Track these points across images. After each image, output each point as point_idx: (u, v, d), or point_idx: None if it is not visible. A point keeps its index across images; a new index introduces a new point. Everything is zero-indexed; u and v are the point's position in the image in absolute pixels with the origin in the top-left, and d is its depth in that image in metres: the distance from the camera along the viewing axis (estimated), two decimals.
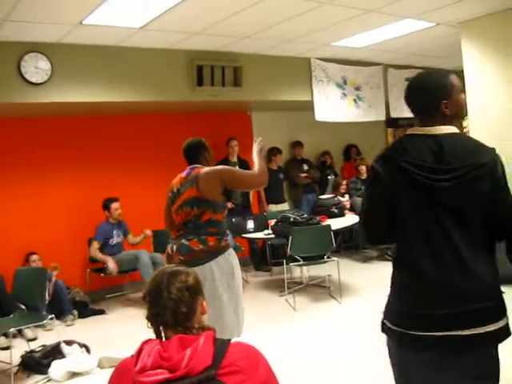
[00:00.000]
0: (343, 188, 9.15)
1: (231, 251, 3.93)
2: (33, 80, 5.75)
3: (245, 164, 7.73)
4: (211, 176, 3.85)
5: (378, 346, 4.79)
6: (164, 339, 1.81)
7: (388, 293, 2.27)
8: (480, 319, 2.03)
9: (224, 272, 3.80)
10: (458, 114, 2.25)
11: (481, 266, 2.07)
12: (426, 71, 2.36)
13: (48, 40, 5.77)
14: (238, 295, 3.91)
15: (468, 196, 2.06)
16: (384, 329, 2.27)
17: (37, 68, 5.76)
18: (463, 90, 2.26)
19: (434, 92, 2.20)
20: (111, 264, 6.88)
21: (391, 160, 2.16)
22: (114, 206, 7.14)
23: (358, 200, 8.84)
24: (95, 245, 6.97)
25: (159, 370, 1.66)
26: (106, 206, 7.15)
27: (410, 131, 2.25)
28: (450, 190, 2.06)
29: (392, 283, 2.26)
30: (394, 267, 2.27)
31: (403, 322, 2.13)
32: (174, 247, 3.89)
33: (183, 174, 4.04)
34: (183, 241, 3.84)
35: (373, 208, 2.26)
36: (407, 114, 8.22)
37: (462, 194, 2.06)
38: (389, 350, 2.27)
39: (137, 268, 6.92)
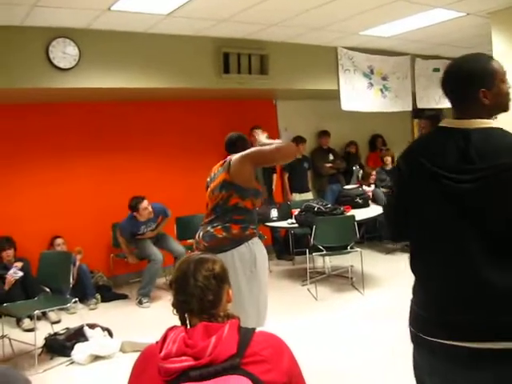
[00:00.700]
0: (373, 178, 9.10)
1: (256, 240, 3.87)
2: (61, 65, 5.78)
3: None
4: (241, 159, 3.78)
5: (399, 337, 4.78)
6: (189, 326, 1.82)
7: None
8: (503, 333, 1.79)
9: (246, 261, 3.76)
10: (499, 105, 1.97)
11: (503, 275, 1.81)
12: (465, 55, 2.09)
13: (76, 26, 5.80)
14: (260, 286, 3.85)
15: (492, 200, 1.83)
16: (410, 331, 2.09)
17: (65, 53, 5.79)
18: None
19: (472, 78, 1.96)
20: (131, 259, 6.99)
21: (412, 155, 2.02)
22: (143, 205, 6.69)
23: (381, 191, 8.80)
24: (121, 240, 6.96)
25: (184, 357, 1.66)
26: (134, 208, 6.71)
27: (442, 123, 2.03)
28: (471, 192, 1.83)
29: (413, 285, 2.13)
30: (411, 269, 2.11)
31: (420, 326, 2.00)
32: (201, 234, 3.89)
33: (222, 161, 4.01)
34: (209, 227, 3.83)
35: (392, 203, 2.18)
36: (434, 104, 8.15)
37: (485, 197, 1.83)
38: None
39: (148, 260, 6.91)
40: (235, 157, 3.84)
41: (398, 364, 4.27)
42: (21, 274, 5.57)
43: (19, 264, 5.76)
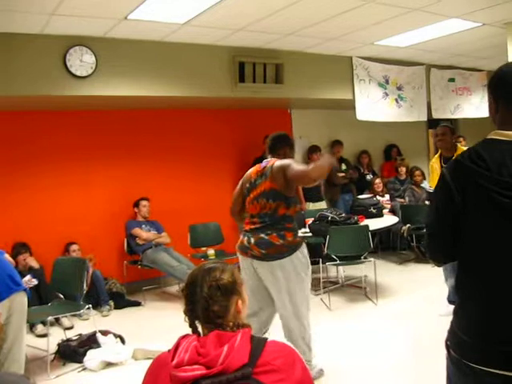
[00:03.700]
0: (378, 186, 9.04)
1: (304, 245, 4.08)
2: (78, 73, 5.83)
3: None
4: (279, 169, 3.91)
5: (412, 347, 4.77)
6: (201, 334, 1.82)
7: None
8: None
9: (302, 265, 3.99)
10: None
11: None
12: None
13: (93, 34, 5.85)
14: (309, 285, 4.15)
15: None
16: (450, 355, 1.94)
17: (82, 61, 5.84)
18: None
19: None
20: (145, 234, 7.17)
21: (463, 169, 1.81)
22: (143, 203, 7.32)
23: (398, 203, 8.76)
24: (138, 230, 7.13)
25: (196, 366, 1.67)
26: (136, 204, 7.33)
27: (490, 135, 1.86)
28: None
29: (456, 308, 1.96)
30: (457, 290, 1.97)
31: (469, 352, 1.83)
32: (252, 240, 3.97)
33: (261, 166, 4.12)
34: (262, 235, 3.93)
35: (437, 222, 1.96)
36: (449, 114, 8.10)
37: None
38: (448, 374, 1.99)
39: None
40: (276, 164, 3.94)
41: (412, 374, 4.25)
42: (35, 282, 5.59)
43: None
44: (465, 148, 5.01)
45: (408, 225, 8.12)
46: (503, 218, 1.74)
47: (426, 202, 8.10)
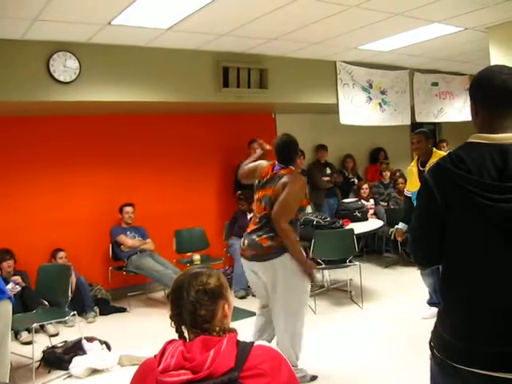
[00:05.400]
0: (364, 192, 9.04)
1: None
2: (61, 79, 5.81)
3: None
4: (281, 191, 3.97)
5: (398, 351, 4.79)
6: (187, 339, 1.82)
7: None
8: None
9: (288, 269, 3.95)
10: None
11: None
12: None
13: (77, 39, 5.83)
14: (301, 290, 4.06)
15: None
16: (434, 356, 1.96)
17: (65, 67, 5.82)
18: None
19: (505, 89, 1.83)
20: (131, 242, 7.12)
21: (445, 172, 1.84)
22: (126, 209, 7.26)
23: (382, 208, 8.78)
24: (123, 238, 7.07)
25: (182, 371, 1.66)
26: (120, 210, 7.28)
27: (471, 138, 1.88)
28: None
29: (440, 310, 1.98)
30: (441, 294, 1.97)
31: (452, 353, 1.85)
32: (246, 242, 4.10)
33: (274, 168, 4.18)
34: (254, 236, 4.04)
35: (421, 226, 1.99)
36: (432, 118, 8.15)
37: None
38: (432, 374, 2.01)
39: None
40: (281, 182, 4.00)
41: (397, 375, 4.27)
42: (19, 288, 5.56)
43: (18, 278, 5.74)
44: (441, 152, 5.11)
45: (396, 226, 8.10)
46: (484, 220, 1.76)
47: None
